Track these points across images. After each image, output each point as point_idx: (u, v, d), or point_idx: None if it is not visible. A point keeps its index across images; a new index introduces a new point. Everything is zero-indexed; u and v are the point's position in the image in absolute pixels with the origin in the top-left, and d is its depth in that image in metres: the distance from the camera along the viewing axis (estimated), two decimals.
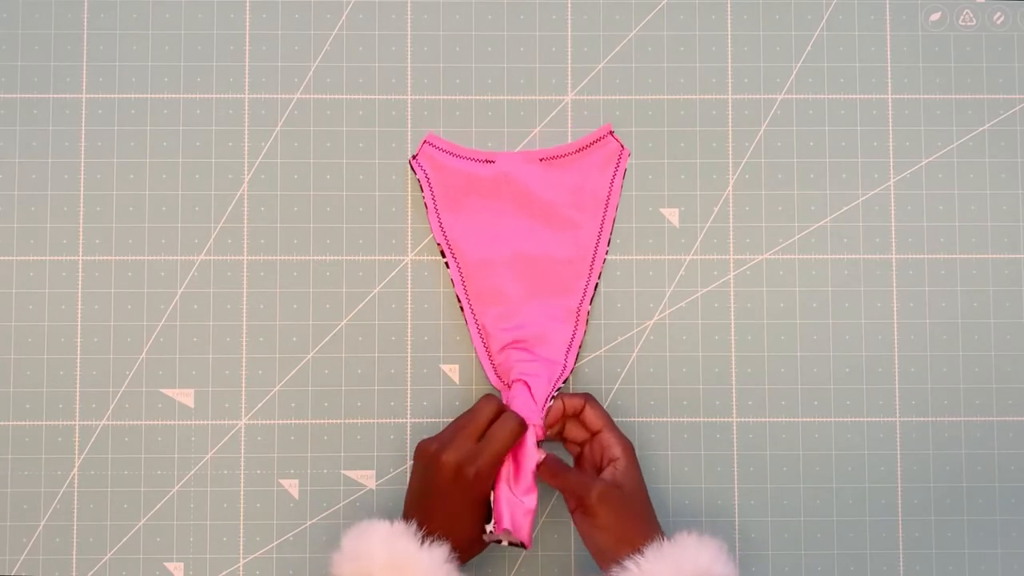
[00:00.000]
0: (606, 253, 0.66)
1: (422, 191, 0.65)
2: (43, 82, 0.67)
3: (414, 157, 0.66)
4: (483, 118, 0.67)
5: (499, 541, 0.59)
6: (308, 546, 0.65)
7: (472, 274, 0.65)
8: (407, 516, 0.59)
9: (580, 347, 0.65)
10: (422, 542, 0.56)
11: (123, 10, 0.67)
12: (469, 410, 0.61)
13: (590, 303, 0.65)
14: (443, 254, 0.65)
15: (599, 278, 0.65)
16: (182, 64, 0.67)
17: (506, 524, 0.58)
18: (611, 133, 0.66)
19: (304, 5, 0.67)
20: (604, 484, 0.58)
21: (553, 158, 0.66)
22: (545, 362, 0.63)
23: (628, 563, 0.55)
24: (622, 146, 0.66)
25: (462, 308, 0.65)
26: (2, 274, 0.66)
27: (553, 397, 0.62)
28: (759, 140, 0.67)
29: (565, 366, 0.64)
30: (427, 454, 0.59)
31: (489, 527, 0.58)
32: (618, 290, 0.66)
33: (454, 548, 0.57)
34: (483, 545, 0.60)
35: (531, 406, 0.61)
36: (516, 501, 0.58)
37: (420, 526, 0.58)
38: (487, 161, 0.66)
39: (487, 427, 0.60)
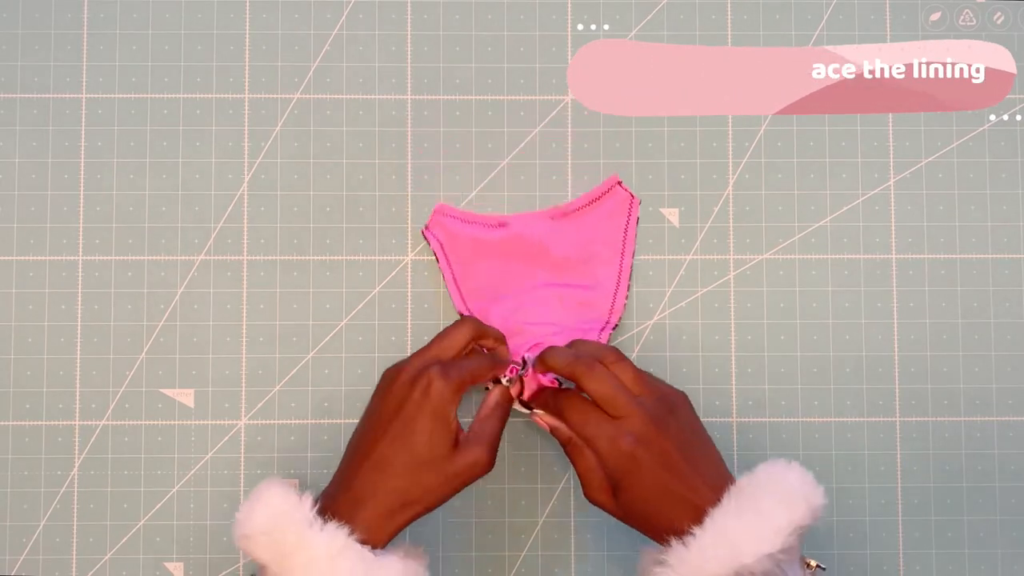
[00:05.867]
0: (625, 301, 0.65)
1: (437, 260, 0.65)
2: (43, 82, 0.67)
3: (426, 227, 0.65)
4: (483, 118, 0.67)
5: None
6: None
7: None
8: (351, 446, 0.55)
9: None
10: (323, 515, 0.51)
11: (123, 10, 0.67)
12: (441, 333, 0.58)
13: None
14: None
15: (615, 327, 0.65)
16: (182, 64, 0.67)
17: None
18: (619, 184, 0.66)
19: (304, 5, 0.67)
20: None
21: (564, 215, 0.66)
22: None
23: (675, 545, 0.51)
24: (632, 195, 0.66)
25: None
26: (2, 274, 0.66)
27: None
28: (759, 140, 0.67)
29: None
30: (388, 374, 0.56)
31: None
32: None
33: (408, 485, 0.52)
34: (447, 482, 0.54)
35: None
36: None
37: (367, 450, 0.53)
38: (499, 225, 0.65)
39: (459, 355, 0.57)
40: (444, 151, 0.67)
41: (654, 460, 0.53)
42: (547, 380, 0.60)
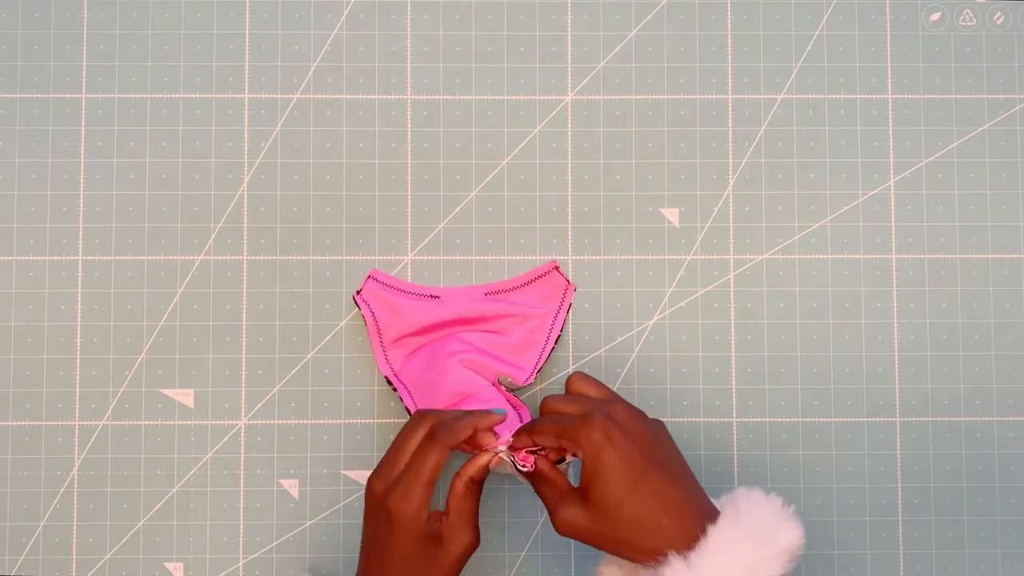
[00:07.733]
0: (537, 372, 0.65)
1: (366, 325, 0.64)
2: (43, 82, 0.67)
3: (358, 292, 0.65)
4: (483, 118, 0.67)
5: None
6: (308, 546, 0.65)
7: (420, 395, 0.63)
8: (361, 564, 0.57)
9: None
10: None
11: (123, 10, 0.67)
12: (400, 432, 0.57)
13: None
14: (389, 382, 0.64)
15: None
16: (182, 64, 0.67)
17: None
18: (556, 269, 0.66)
19: (304, 5, 0.67)
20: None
21: (498, 292, 0.65)
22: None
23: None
24: (567, 280, 0.65)
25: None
26: (2, 274, 0.66)
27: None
28: (759, 140, 0.67)
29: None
30: (367, 486, 0.57)
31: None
32: (618, 290, 0.66)
33: None
34: (449, 572, 0.56)
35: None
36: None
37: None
38: (432, 296, 0.65)
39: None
40: (444, 151, 0.67)
41: (632, 448, 0.52)
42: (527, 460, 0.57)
